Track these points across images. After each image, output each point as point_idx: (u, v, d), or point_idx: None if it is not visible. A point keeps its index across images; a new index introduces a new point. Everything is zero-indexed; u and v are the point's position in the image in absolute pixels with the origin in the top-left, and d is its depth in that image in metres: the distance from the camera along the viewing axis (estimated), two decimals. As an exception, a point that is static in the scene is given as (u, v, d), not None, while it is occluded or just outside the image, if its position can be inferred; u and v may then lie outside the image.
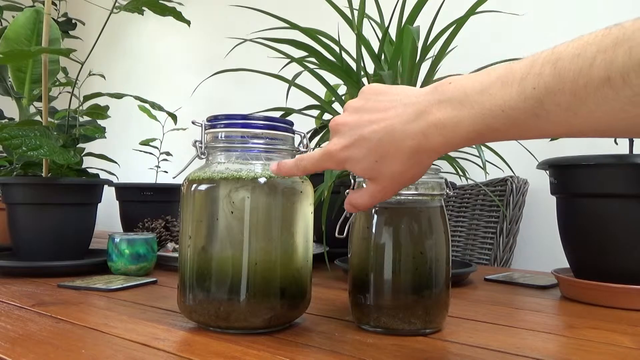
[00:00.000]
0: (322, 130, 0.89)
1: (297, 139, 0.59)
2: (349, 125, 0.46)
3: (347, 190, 0.58)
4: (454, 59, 0.93)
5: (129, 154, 1.65)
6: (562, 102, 0.34)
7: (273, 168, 0.53)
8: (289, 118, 0.64)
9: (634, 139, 0.79)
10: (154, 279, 0.83)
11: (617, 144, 0.82)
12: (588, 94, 0.33)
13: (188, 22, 1.04)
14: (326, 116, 0.96)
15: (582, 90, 0.33)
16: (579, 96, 0.34)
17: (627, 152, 0.78)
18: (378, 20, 0.91)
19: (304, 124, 0.60)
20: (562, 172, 0.78)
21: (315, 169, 0.51)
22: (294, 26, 0.86)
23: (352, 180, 0.58)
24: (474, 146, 0.70)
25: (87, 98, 1.05)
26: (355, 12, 0.86)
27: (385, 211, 0.56)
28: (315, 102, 0.90)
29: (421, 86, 0.72)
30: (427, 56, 0.84)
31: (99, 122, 1.16)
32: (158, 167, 1.53)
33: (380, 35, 0.89)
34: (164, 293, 0.74)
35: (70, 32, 2.03)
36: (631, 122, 0.33)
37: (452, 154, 0.88)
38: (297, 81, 0.87)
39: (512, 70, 0.37)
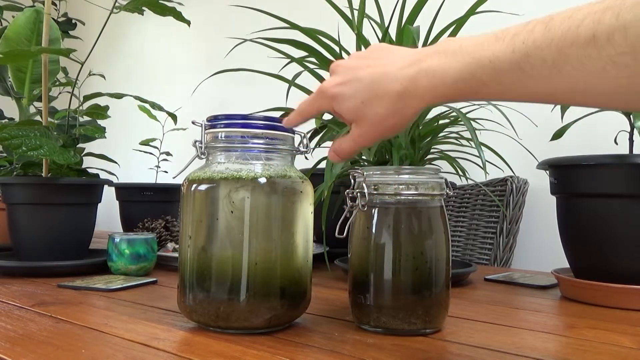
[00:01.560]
0: (322, 130, 0.88)
1: (297, 139, 0.59)
2: (347, 66, 0.48)
3: (347, 190, 0.58)
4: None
5: (129, 154, 1.65)
6: (547, 57, 0.36)
7: (283, 124, 0.56)
8: (289, 118, 0.64)
9: (633, 140, 0.79)
10: (154, 279, 0.83)
11: (617, 143, 0.82)
12: (573, 51, 0.34)
13: (188, 22, 1.04)
14: (326, 116, 0.95)
15: (568, 48, 0.34)
16: (564, 53, 0.35)
17: (627, 152, 0.78)
18: (378, 20, 0.91)
19: (303, 124, 0.60)
20: (562, 172, 0.78)
21: (310, 108, 0.53)
22: (294, 26, 0.86)
23: (352, 180, 0.58)
24: (473, 146, 0.70)
25: (87, 98, 1.05)
26: (355, 12, 0.86)
27: (385, 211, 0.56)
28: (315, 102, 0.90)
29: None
30: (427, 56, 0.84)
31: (99, 122, 1.16)
32: (158, 167, 1.53)
33: (380, 35, 0.89)
34: (164, 293, 0.74)
35: (70, 32, 2.04)
36: (611, 83, 0.34)
37: (453, 154, 0.88)
38: (297, 81, 0.87)
39: (507, 29, 0.39)
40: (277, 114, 0.90)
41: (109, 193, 1.21)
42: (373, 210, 0.56)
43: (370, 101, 0.46)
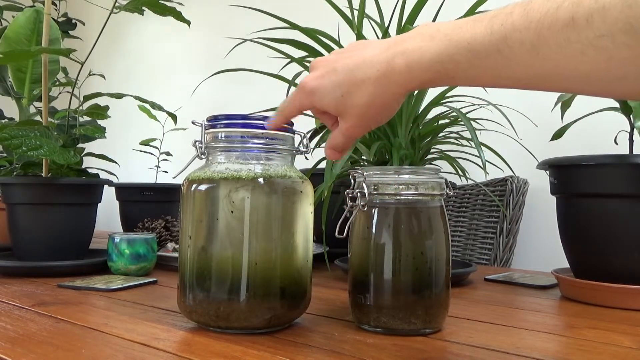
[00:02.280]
0: (322, 130, 0.88)
1: (297, 139, 0.59)
2: (326, 61, 0.48)
3: (347, 190, 0.58)
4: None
5: (129, 154, 1.65)
6: (525, 40, 0.35)
7: (266, 127, 0.55)
8: (289, 118, 0.64)
9: (633, 140, 0.79)
10: (154, 279, 0.83)
11: (617, 143, 0.82)
12: (552, 34, 0.34)
13: (188, 22, 1.04)
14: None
15: (546, 31, 0.34)
16: (543, 36, 0.34)
17: (627, 152, 0.78)
18: (378, 20, 0.91)
19: (304, 124, 0.60)
20: (562, 172, 0.78)
21: (291, 106, 0.51)
22: (294, 26, 0.86)
23: (352, 180, 0.58)
24: (473, 146, 0.70)
25: (87, 98, 1.05)
26: (355, 12, 0.86)
27: (385, 211, 0.56)
28: (315, 102, 0.90)
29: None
30: (427, 56, 0.84)
31: (99, 122, 1.16)
32: (158, 167, 1.53)
33: (380, 35, 0.89)
34: (164, 293, 0.74)
35: (70, 32, 2.04)
36: (590, 66, 0.34)
37: (452, 154, 0.88)
38: (297, 81, 0.87)
39: (486, 13, 0.38)
40: (277, 114, 0.89)
41: (109, 193, 1.21)
42: (373, 210, 0.56)
43: (349, 93, 0.45)
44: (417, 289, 0.54)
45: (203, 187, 0.54)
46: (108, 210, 1.49)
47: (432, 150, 0.88)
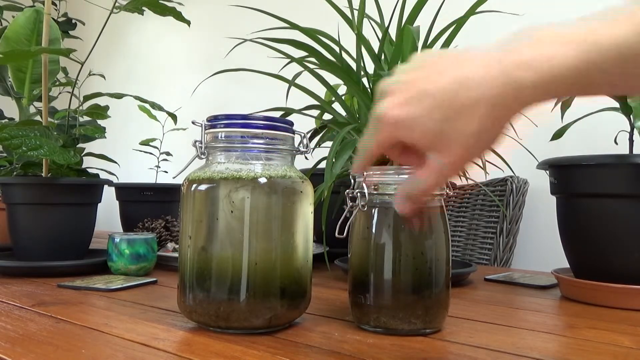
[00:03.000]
0: (322, 130, 0.88)
1: (297, 139, 0.59)
2: (405, 83, 0.38)
3: (347, 190, 0.58)
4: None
5: (129, 154, 1.65)
6: None
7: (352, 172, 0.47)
8: (289, 118, 0.64)
9: (633, 140, 0.79)
10: (154, 279, 0.83)
11: (617, 143, 0.82)
12: None
13: (188, 22, 1.04)
14: (326, 116, 0.95)
15: None
16: None
17: (627, 152, 0.78)
18: (378, 20, 0.91)
19: (304, 124, 0.60)
20: (562, 172, 0.78)
21: (375, 145, 0.41)
22: (294, 26, 0.86)
23: (352, 180, 0.58)
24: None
25: (87, 98, 1.05)
26: (355, 12, 0.86)
27: (385, 211, 0.56)
28: (315, 102, 0.90)
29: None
30: (427, 56, 0.84)
31: (99, 122, 1.16)
32: (158, 167, 1.54)
33: (380, 35, 0.89)
34: (164, 293, 0.74)
35: (70, 32, 2.04)
36: None
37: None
38: (297, 81, 0.87)
39: (611, 10, 0.32)
40: (277, 114, 0.90)
41: (109, 193, 1.21)
42: (373, 210, 0.56)
43: (451, 119, 0.36)
44: (417, 289, 0.54)
45: (203, 187, 0.54)
46: (108, 210, 1.49)
47: (432, 150, 0.88)
